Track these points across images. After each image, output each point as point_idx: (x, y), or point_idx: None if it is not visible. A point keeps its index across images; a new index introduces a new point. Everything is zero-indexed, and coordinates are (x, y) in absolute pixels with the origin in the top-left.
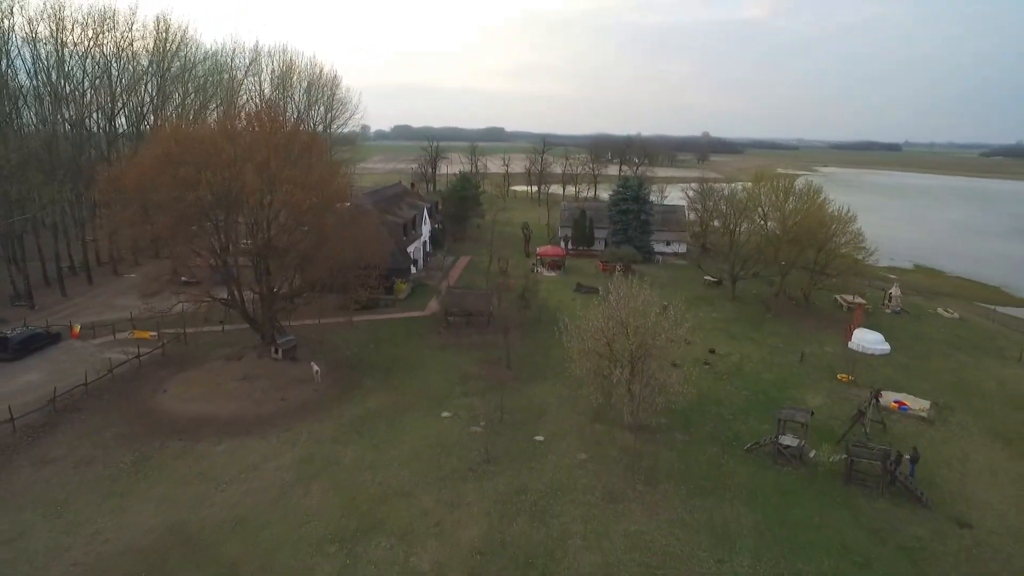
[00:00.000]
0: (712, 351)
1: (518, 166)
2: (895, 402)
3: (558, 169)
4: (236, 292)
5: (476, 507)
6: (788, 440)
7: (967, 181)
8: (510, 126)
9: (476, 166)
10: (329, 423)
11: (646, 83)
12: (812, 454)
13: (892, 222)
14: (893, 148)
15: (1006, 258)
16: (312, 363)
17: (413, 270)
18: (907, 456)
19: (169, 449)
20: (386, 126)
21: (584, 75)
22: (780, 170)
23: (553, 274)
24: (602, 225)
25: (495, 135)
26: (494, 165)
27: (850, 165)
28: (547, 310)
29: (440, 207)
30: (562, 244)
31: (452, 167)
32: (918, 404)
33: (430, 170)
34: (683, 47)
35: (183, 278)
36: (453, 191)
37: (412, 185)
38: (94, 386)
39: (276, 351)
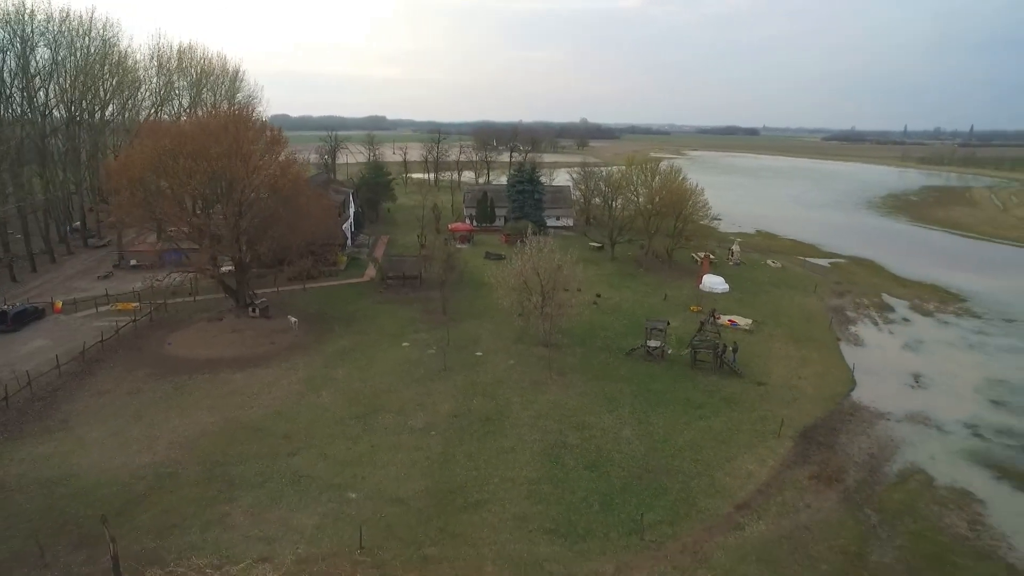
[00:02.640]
0: (598, 295)
1: (413, 154)
2: (728, 320)
3: (452, 157)
4: (215, 265)
5: (445, 394)
6: (653, 343)
7: (809, 162)
8: (392, 114)
9: (374, 155)
10: (317, 356)
11: (524, 70)
12: (669, 351)
13: (744, 197)
14: (752, 133)
15: (824, 223)
16: (289, 316)
17: (347, 246)
18: (731, 348)
19: (198, 379)
20: (263, 115)
21: (463, 62)
22: (653, 154)
23: (464, 246)
24: (502, 204)
25: (377, 123)
26: (386, 153)
27: (715, 149)
28: (467, 272)
29: (357, 193)
30: (468, 221)
31: (348, 157)
32: (744, 321)
33: (329, 160)
34: (560, 34)
35: (132, 263)
36: (366, 179)
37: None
38: (107, 344)
39: (253, 310)
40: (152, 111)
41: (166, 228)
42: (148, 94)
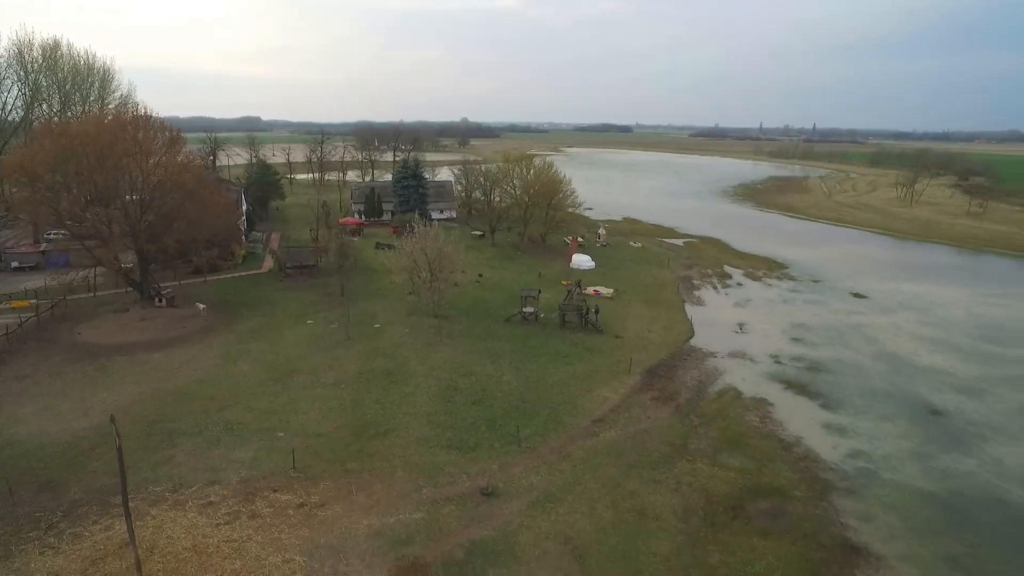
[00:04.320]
0: (480, 275)
1: (296, 155)
2: (593, 289)
3: (336, 157)
4: (117, 260)
5: (350, 357)
6: (528, 309)
7: (675, 157)
8: (266, 115)
9: (256, 156)
10: (229, 335)
11: (402, 69)
12: (541, 316)
13: (615, 189)
14: (626, 130)
15: (683, 210)
16: (197, 303)
17: (243, 241)
18: (593, 310)
19: (117, 360)
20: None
21: (339, 61)
22: (532, 151)
23: (355, 239)
24: (388, 199)
25: (251, 124)
26: (267, 155)
27: (591, 145)
28: (359, 261)
29: (247, 192)
30: (356, 216)
31: (228, 159)
32: (606, 290)
33: (210, 162)
34: (437, 33)
35: (13, 264)
36: (255, 178)
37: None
38: (13, 337)
39: (160, 300)
40: (24, 113)
41: (69, 226)
42: (19, 94)
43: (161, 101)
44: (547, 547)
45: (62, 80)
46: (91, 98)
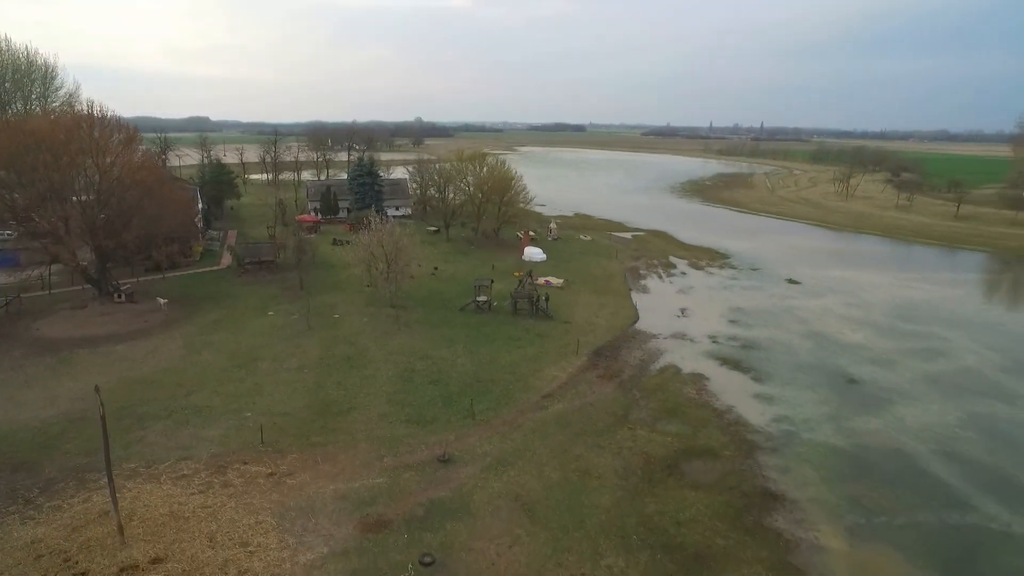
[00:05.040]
0: (436, 268)
1: (249, 155)
2: (544, 280)
3: (290, 157)
4: (74, 257)
5: (311, 345)
6: (481, 298)
7: (627, 155)
8: (216, 115)
9: (209, 156)
10: (191, 328)
11: (354, 69)
12: (494, 304)
13: (568, 187)
14: (579, 129)
15: (632, 206)
16: (158, 298)
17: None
18: (543, 297)
19: (79, 353)
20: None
21: (287, 60)
22: (486, 150)
23: (312, 236)
24: (344, 197)
25: (200, 125)
26: (219, 155)
27: (545, 145)
28: (317, 256)
29: (202, 190)
30: (313, 214)
31: (178, 160)
32: (557, 280)
33: (162, 161)
34: (389, 33)
35: None
36: (211, 177)
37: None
38: None
39: (119, 296)
40: None
41: (21, 224)
42: None
43: (102, 99)
44: (499, 504)
45: (0, 77)
46: (32, 96)
